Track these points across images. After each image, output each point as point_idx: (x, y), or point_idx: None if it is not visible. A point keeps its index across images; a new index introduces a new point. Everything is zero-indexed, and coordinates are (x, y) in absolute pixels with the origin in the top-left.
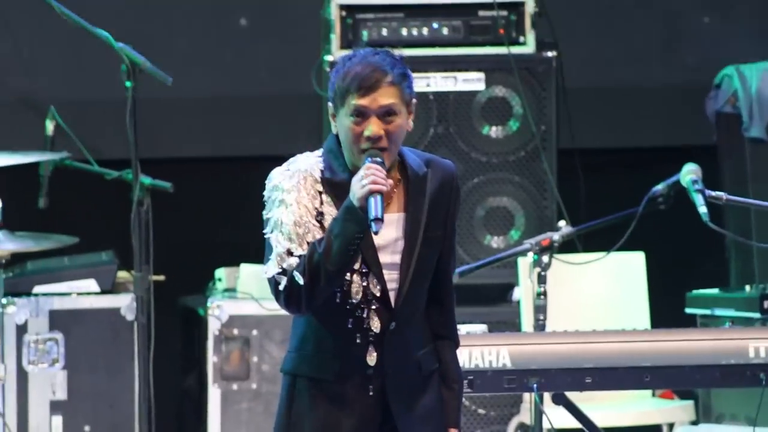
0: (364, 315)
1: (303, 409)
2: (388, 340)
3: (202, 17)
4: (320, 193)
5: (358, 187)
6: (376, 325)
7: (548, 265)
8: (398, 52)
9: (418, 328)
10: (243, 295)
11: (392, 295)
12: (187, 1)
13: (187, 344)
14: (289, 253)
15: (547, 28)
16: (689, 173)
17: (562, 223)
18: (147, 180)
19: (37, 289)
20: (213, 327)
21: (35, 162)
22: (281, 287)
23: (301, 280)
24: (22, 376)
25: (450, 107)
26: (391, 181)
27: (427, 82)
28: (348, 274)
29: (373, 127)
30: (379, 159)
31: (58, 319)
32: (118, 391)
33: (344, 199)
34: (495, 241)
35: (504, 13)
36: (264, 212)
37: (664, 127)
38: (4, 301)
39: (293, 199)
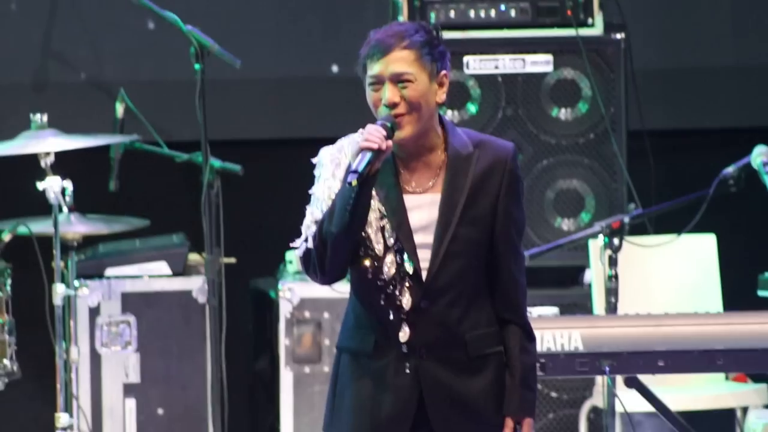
0: (397, 292)
1: (345, 383)
2: (420, 318)
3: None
4: None
5: (354, 146)
6: (407, 302)
7: (619, 247)
8: (462, 34)
9: (467, 309)
10: None
11: (425, 276)
12: None
13: (258, 327)
14: (315, 222)
15: (615, 9)
16: (760, 155)
17: (632, 205)
18: (217, 162)
19: (108, 271)
20: (284, 310)
21: (105, 145)
22: (299, 252)
23: (311, 245)
24: (95, 359)
25: (519, 89)
26: (390, 143)
27: (496, 64)
28: (382, 250)
29: (388, 93)
30: (387, 122)
31: (130, 302)
32: (190, 374)
33: (385, 174)
34: (565, 224)
35: None
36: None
37: (734, 108)
38: (76, 283)
39: (329, 173)
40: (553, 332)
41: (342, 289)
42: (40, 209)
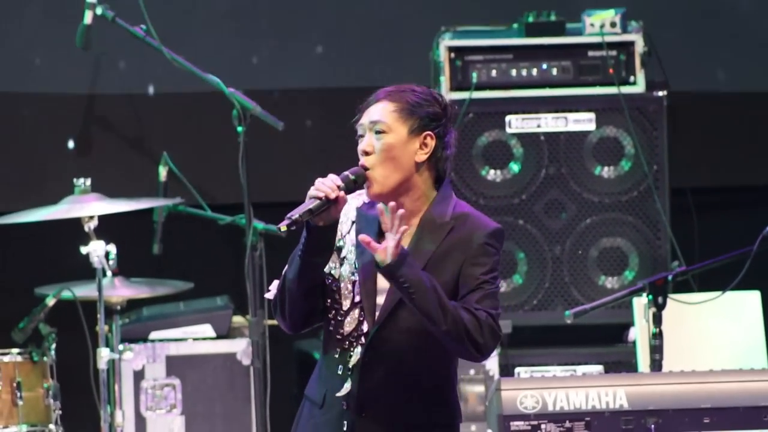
0: (352, 349)
1: (299, 430)
2: (364, 376)
3: (307, 60)
4: (353, 222)
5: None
6: (356, 360)
7: (663, 305)
8: (504, 93)
9: (415, 381)
10: None
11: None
12: (294, 45)
13: (303, 388)
14: None
15: (657, 68)
16: None
17: (676, 262)
18: (260, 224)
19: (153, 335)
20: None
21: (149, 208)
22: (270, 296)
23: (276, 290)
24: (141, 423)
25: (561, 148)
26: (342, 194)
27: (538, 123)
28: (348, 305)
29: (363, 142)
30: (352, 175)
31: (174, 365)
32: None
33: (369, 232)
34: (609, 282)
35: (613, 53)
36: None
37: None
38: (121, 347)
39: None
40: (598, 390)
41: None
42: (84, 273)
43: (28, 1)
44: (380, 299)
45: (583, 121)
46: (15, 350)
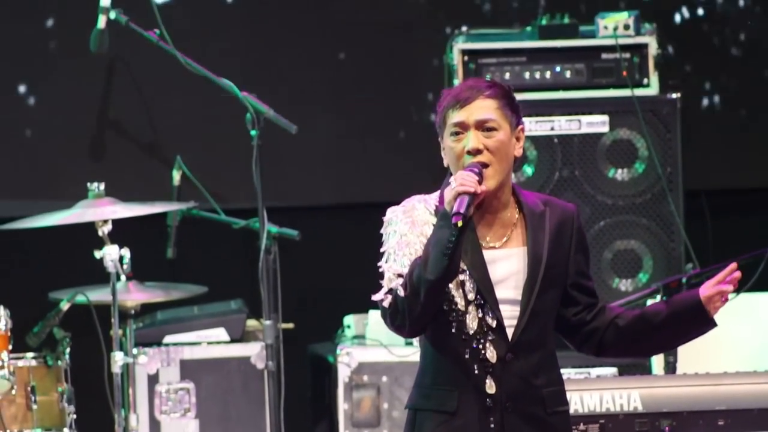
0: (480, 346)
1: None
2: (506, 370)
3: (320, 64)
4: (433, 225)
5: (447, 192)
6: (492, 355)
7: None
8: (517, 96)
9: (542, 365)
10: (372, 341)
11: (509, 329)
12: (308, 49)
13: (317, 392)
14: (399, 276)
15: (671, 69)
16: None
17: (690, 265)
18: (274, 228)
19: (167, 338)
20: (343, 374)
21: (163, 213)
22: (386, 304)
23: (402, 293)
24: (155, 427)
25: (575, 150)
26: (484, 187)
27: (552, 126)
28: (464, 304)
29: (472, 140)
30: (475, 168)
31: (188, 369)
32: None
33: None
34: (623, 284)
35: (627, 55)
36: (382, 248)
37: None
38: (135, 351)
39: (406, 229)
40: (612, 393)
41: (400, 353)
42: (98, 278)
43: (45, 4)
44: (497, 292)
45: (596, 124)
46: (29, 354)
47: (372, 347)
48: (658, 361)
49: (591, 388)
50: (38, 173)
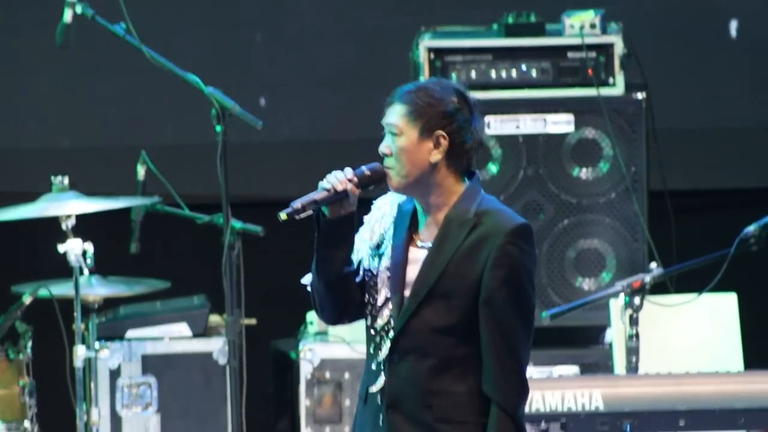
0: (381, 343)
1: (353, 426)
2: (393, 371)
3: (290, 60)
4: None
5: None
6: (383, 355)
7: (640, 306)
8: (483, 94)
9: (438, 373)
10: (335, 338)
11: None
12: (276, 46)
13: (279, 388)
14: None
15: (636, 69)
16: None
17: (653, 264)
18: (238, 224)
19: (129, 333)
20: (305, 370)
21: (127, 207)
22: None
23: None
24: (116, 421)
25: (540, 149)
26: (352, 187)
27: (517, 125)
28: (382, 301)
29: (382, 143)
30: (368, 170)
31: (150, 364)
32: None
33: (402, 226)
34: (586, 283)
35: (593, 54)
36: None
37: (755, 167)
38: (97, 345)
39: (366, 219)
40: (574, 392)
41: (363, 349)
42: (61, 272)
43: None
44: (407, 291)
45: (561, 123)
46: None
47: (334, 344)
48: (620, 361)
49: (553, 387)
50: (1, 166)
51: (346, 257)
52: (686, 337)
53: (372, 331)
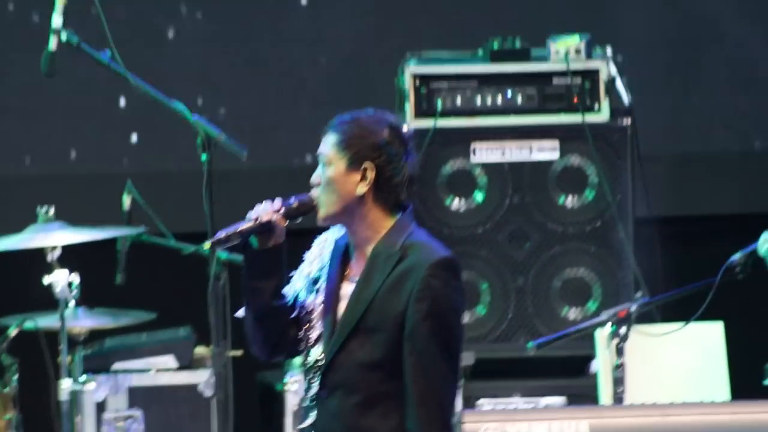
0: (313, 379)
1: None
2: (322, 406)
3: (275, 87)
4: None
5: None
6: (314, 389)
7: (626, 336)
8: (468, 121)
9: (367, 410)
10: None
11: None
12: (260, 72)
13: (265, 420)
14: None
15: (621, 95)
16: (767, 242)
17: (639, 293)
18: (224, 254)
19: (115, 366)
20: (291, 403)
21: (112, 238)
22: None
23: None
24: None
25: (525, 177)
26: (277, 218)
27: (502, 152)
28: (315, 336)
29: (314, 173)
30: (297, 201)
31: (137, 396)
32: None
33: (336, 261)
34: (572, 313)
35: (578, 80)
36: None
37: (741, 194)
38: (82, 378)
39: (307, 255)
40: (561, 423)
41: None
42: (46, 304)
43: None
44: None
45: (547, 150)
46: None
47: None
48: (605, 392)
49: (539, 418)
50: None
51: (274, 290)
52: (672, 367)
53: (306, 366)
